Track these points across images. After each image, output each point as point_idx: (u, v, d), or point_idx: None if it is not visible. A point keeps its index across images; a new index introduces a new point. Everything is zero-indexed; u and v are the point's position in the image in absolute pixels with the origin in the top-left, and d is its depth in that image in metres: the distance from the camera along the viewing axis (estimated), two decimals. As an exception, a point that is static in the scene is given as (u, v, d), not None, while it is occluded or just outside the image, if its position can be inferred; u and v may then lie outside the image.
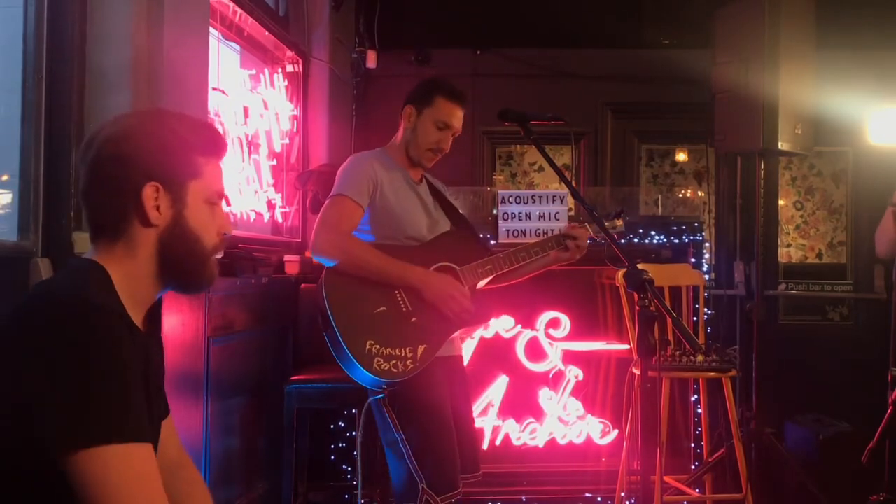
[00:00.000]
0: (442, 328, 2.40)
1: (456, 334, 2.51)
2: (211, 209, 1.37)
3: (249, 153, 3.68)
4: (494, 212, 3.75)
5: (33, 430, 1.11)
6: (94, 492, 1.11)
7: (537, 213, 3.66)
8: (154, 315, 1.41)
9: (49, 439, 1.11)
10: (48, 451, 1.11)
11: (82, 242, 2.30)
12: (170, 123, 1.34)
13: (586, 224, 2.60)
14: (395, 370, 2.27)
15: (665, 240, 3.79)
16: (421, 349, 2.32)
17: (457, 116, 2.52)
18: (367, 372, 2.25)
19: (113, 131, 1.31)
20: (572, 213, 3.97)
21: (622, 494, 3.45)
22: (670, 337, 3.39)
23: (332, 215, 2.40)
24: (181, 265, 1.35)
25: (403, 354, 2.29)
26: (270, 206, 3.92)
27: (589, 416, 3.68)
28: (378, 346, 2.27)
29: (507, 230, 3.67)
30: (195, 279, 1.39)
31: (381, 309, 2.34)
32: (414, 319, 2.35)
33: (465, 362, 3.54)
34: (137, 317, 1.32)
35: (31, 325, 1.16)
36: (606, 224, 2.67)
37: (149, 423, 1.25)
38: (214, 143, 1.39)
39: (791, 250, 5.40)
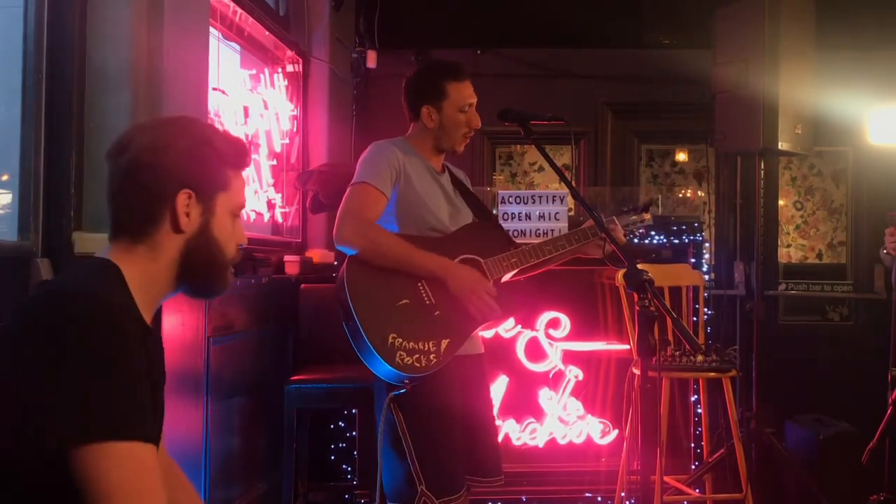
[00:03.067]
0: (466, 322, 2.34)
1: (480, 329, 2.46)
2: (233, 221, 1.42)
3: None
4: (494, 212, 3.75)
5: (43, 424, 1.12)
6: (95, 487, 1.11)
7: (537, 213, 3.66)
8: (157, 315, 1.42)
9: (56, 433, 1.11)
10: (54, 445, 1.11)
11: (82, 242, 2.30)
12: (205, 134, 1.39)
13: (615, 218, 2.57)
14: (417, 364, 2.22)
15: (665, 240, 3.79)
16: (444, 343, 2.27)
17: (471, 92, 2.49)
18: (388, 365, 2.19)
19: (151, 139, 1.34)
20: (572, 213, 3.97)
21: (622, 494, 3.45)
22: (670, 337, 3.39)
23: (356, 203, 2.33)
24: (202, 272, 1.38)
25: (427, 348, 2.24)
26: (270, 206, 3.92)
27: (589, 416, 3.68)
28: (401, 340, 2.22)
29: (507, 230, 3.67)
30: (212, 286, 1.43)
31: (404, 301, 2.28)
32: (437, 313, 2.30)
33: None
34: (147, 316, 1.34)
35: (45, 321, 1.17)
36: (634, 217, 2.66)
37: (153, 422, 1.25)
38: (243, 157, 1.44)
39: (791, 250, 5.41)
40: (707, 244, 4.15)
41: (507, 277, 2.47)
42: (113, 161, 1.35)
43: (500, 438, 3.61)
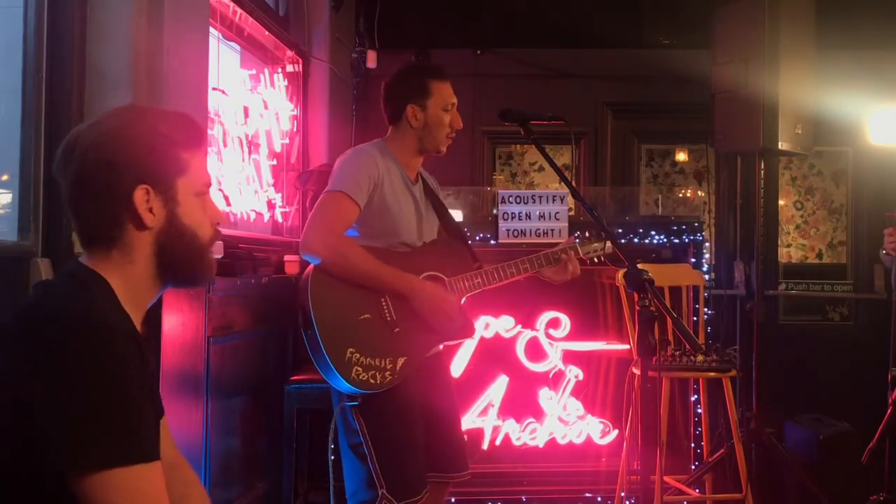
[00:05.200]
0: (424, 340, 2.37)
1: (439, 347, 2.48)
2: (201, 202, 1.36)
3: (249, 153, 3.68)
4: (494, 212, 3.75)
5: (43, 452, 1.11)
6: None
7: (537, 213, 3.66)
8: (149, 316, 1.40)
9: (59, 461, 1.11)
10: (57, 470, 1.11)
11: (82, 242, 2.29)
12: (150, 122, 1.32)
13: (577, 246, 2.55)
14: (372, 381, 2.22)
15: (665, 240, 3.79)
16: (401, 361, 2.28)
17: (452, 92, 2.49)
18: (344, 380, 2.20)
19: (94, 136, 1.28)
20: (572, 213, 3.97)
21: (622, 494, 3.45)
22: (670, 337, 3.39)
23: (327, 213, 2.32)
24: (180, 263, 1.34)
25: (383, 365, 2.25)
26: (270, 206, 3.92)
27: (589, 416, 3.68)
28: (358, 355, 2.22)
29: (507, 230, 3.67)
30: (196, 274, 1.38)
31: (365, 316, 2.28)
32: (397, 329, 2.30)
33: (465, 363, 3.55)
34: (137, 321, 1.32)
35: (40, 344, 1.15)
36: (596, 245, 2.62)
37: (154, 434, 1.25)
38: (196, 135, 1.37)
39: (791, 250, 5.41)
40: (707, 244, 4.14)
41: (468, 295, 2.47)
42: (62, 172, 1.29)
43: (500, 438, 3.63)
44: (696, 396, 3.67)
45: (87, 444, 1.11)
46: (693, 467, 3.64)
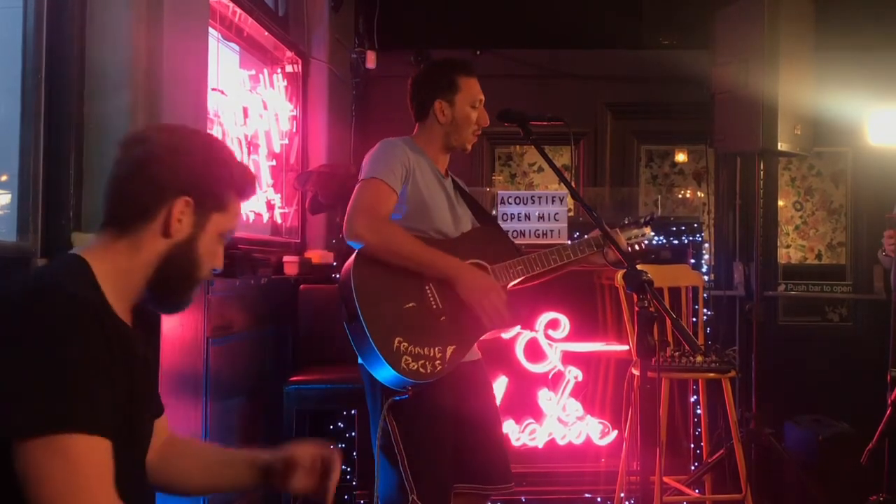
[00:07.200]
0: (472, 329, 2.29)
1: (486, 336, 2.40)
2: (218, 242, 1.42)
3: (249, 153, 3.68)
4: (494, 212, 3.75)
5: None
6: (31, 481, 1.09)
7: (537, 213, 3.66)
8: (142, 311, 1.41)
9: (3, 429, 1.10)
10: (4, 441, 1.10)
11: (82, 242, 2.29)
12: (223, 155, 1.42)
13: (618, 230, 2.54)
14: (423, 371, 2.16)
15: (664, 240, 3.79)
16: (450, 350, 2.22)
17: (480, 89, 2.46)
18: (393, 370, 2.14)
19: (171, 141, 1.36)
20: (572, 213, 3.97)
21: (622, 495, 3.45)
22: (670, 338, 3.39)
23: (368, 198, 2.25)
24: (174, 282, 1.38)
25: (432, 354, 2.19)
26: (270, 206, 3.92)
27: (588, 416, 3.68)
28: (407, 345, 2.16)
29: (507, 231, 3.67)
30: (178, 300, 1.42)
31: (411, 304, 2.23)
32: (443, 318, 2.25)
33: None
34: (123, 309, 1.32)
35: None
36: (636, 231, 2.63)
37: (128, 419, 1.23)
38: (249, 187, 1.46)
39: (790, 251, 5.41)
40: (706, 245, 4.14)
41: (511, 285, 2.43)
42: (126, 150, 1.36)
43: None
44: (695, 397, 3.67)
45: (24, 410, 1.10)
46: (693, 468, 3.65)
